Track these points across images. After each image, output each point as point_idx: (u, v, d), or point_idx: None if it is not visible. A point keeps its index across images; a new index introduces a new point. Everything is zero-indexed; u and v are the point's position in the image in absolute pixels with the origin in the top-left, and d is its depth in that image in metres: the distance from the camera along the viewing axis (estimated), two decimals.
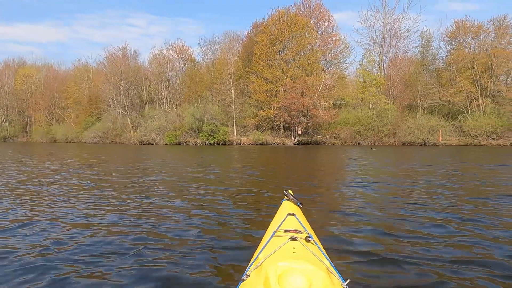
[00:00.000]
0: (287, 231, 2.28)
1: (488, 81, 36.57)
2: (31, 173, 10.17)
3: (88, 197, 6.19)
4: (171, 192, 6.83)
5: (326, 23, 43.93)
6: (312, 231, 2.59)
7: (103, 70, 52.16)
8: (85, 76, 56.46)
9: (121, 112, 48.53)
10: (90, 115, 52.34)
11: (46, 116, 60.47)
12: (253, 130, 39.89)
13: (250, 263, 2.08)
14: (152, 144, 41.14)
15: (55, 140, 54.86)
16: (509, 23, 36.59)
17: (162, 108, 46.93)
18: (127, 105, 48.57)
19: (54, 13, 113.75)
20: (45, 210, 5.15)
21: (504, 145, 32.27)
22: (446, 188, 7.22)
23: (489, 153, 21.28)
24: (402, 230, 4.01)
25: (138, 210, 5.15)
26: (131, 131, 46.14)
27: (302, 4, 43.85)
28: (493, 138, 33.73)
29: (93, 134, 47.74)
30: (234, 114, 40.22)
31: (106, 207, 5.35)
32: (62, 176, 9.54)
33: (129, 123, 47.30)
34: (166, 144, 40.02)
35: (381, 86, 40.99)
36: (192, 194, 6.55)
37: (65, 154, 21.55)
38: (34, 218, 4.62)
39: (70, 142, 51.79)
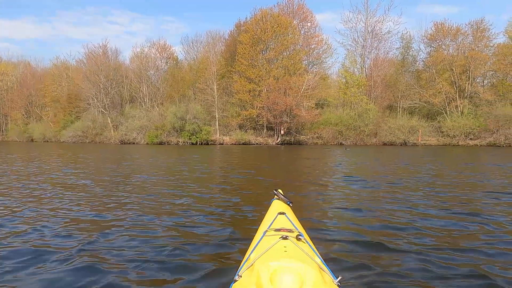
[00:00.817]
0: (278, 230, 2.25)
1: (466, 83, 37.67)
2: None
3: (80, 196, 6.01)
4: (156, 192, 6.68)
5: (309, 24, 44.42)
6: (303, 229, 2.57)
7: (82, 68, 51.10)
8: (64, 74, 55.19)
9: (101, 111, 47.65)
10: (69, 114, 51.14)
11: (23, 115, 58.98)
12: (236, 129, 39.87)
13: (241, 264, 2.05)
14: (133, 143, 40.59)
15: (32, 139, 53.53)
16: (486, 26, 37.79)
17: (144, 107, 46.41)
18: (108, 104, 47.73)
19: (32, 9, 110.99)
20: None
21: (481, 145, 33.31)
22: (435, 185, 7.37)
23: (468, 153, 21.85)
24: (393, 226, 4.03)
25: (128, 209, 5.02)
26: (112, 130, 45.37)
27: (285, 4, 44.23)
28: (471, 139, 34.78)
29: (72, 133, 46.69)
30: (216, 113, 40.13)
31: (94, 205, 5.20)
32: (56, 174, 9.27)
33: (110, 122, 46.50)
34: (147, 143, 39.55)
35: (362, 87, 41.64)
36: (179, 194, 6.42)
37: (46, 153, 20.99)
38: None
39: (48, 141, 50.55)
